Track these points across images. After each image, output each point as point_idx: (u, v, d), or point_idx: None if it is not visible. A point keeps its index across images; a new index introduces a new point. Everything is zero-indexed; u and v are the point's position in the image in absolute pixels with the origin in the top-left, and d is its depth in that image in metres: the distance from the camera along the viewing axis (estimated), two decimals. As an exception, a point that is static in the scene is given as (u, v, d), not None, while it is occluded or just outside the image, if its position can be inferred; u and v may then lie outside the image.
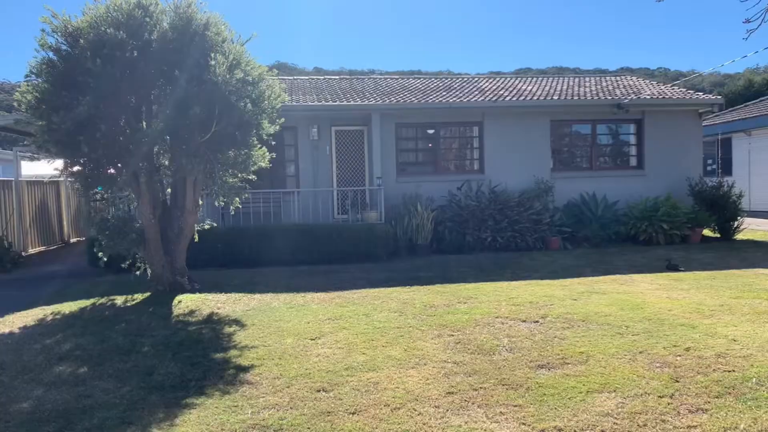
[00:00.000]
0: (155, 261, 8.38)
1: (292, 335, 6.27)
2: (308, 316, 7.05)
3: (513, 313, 6.86)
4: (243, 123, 7.97)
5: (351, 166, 13.76)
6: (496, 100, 13.05)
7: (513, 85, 15.29)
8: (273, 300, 8.07)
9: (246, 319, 7.05)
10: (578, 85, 15.52)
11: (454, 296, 7.88)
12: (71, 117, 7.19)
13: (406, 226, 11.85)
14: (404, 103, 12.88)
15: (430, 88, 14.95)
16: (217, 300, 8.11)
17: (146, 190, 8.10)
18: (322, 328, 6.53)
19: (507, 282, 8.83)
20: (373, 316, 6.95)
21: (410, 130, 13.85)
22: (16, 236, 13.66)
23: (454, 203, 12.52)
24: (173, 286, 8.51)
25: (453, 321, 6.57)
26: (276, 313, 7.26)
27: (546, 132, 13.78)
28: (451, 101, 13.04)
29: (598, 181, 13.78)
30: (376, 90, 14.48)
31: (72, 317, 7.36)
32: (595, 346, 5.50)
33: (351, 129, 13.73)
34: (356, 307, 7.42)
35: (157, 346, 6.01)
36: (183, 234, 8.53)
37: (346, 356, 5.52)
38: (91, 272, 10.77)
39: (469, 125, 13.88)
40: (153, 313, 7.42)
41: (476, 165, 13.90)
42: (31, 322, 7.24)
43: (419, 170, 13.92)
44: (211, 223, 9.27)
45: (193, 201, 8.37)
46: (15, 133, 13.88)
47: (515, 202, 12.48)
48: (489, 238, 12.05)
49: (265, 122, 8.43)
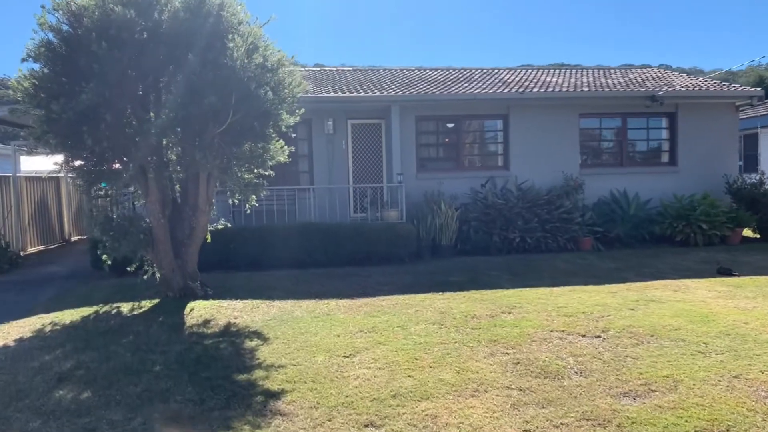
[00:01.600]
0: (164, 264, 7.64)
1: (322, 351, 5.53)
2: (337, 328, 6.32)
3: (568, 325, 6.12)
4: (262, 113, 7.22)
5: (368, 161, 13.01)
6: (524, 92, 12.29)
7: (536, 77, 14.52)
8: (294, 308, 7.33)
9: (268, 330, 6.32)
10: (604, 77, 14.75)
11: (495, 305, 7.14)
12: (73, 106, 6.44)
13: (429, 225, 11.10)
14: (426, 94, 12.11)
15: (449, 79, 14.18)
16: (233, 308, 7.37)
17: (155, 186, 7.36)
18: (355, 342, 5.79)
19: (548, 288, 8.09)
20: (410, 329, 6.21)
21: (431, 123, 13.08)
22: (14, 235, 12.91)
23: (479, 201, 11.77)
24: (184, 292, 7.78)
25: (503, 335, 5.83)
26: (300, 324, 6.53)
27: (574, 126, 13.01)
28: (476, 92, 12.26)
29: (629, 178, 13.03)
30: (392, 82, 13.71)
31: (73, 328, 6.62)
32: (678, 369, 4.76)
33: (368, 122, 12.96)
34: (389, 318, 6.68)
35: (170, 365, 5.28)
36: (195, 235, 7.78)
37: (390, 379, 4.78)
38: (93, 274, 10.03)
39: (493, 118, 13.11)
40: (163, 323, 6.68)
41: (500, 161, 13.13)
42: (28, 334, 6.51)
43: (440, 166, 13.16)
44: (225, 223, 8.53)
45: (206, 199, 7.62)
46: (10, 126, 13.13)
47: (544, 200, 11.72)
48: (517, 238, 11.30)
49: (283, 113, 7.68)
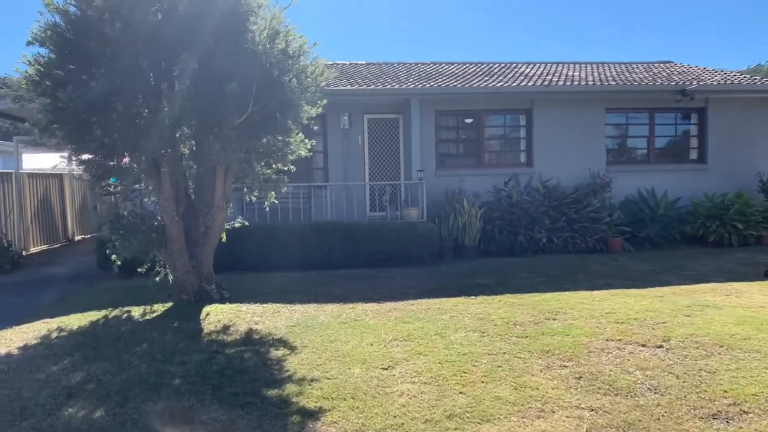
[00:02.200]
0: (178, 265, 7.12)
1: (357, 363, 5.01)
2: (368, 336, 5.80)
3: (623, 334, 5.59)
4: (285, 103, 6.70)
5: (384, 158, 12.48)
6: (549, 85, 11.75)
7: (558, 71, 13.97)
8: (318, 312, 6.81)
9: (293, 338, 5.80)
10: (627, 72, 14.21)
11: (536, 310, 6.61)
12: (82, 94, 5.94)
13: (451, 225, 10.58)
14: (447, 87, 11.58)
15: (467, 73, 13.65)
16: (253, 312, 6.85)
17: (168, 181, 6.84)
18: (391, 352, 5.27)
19: (587, 292, 7.56)
20: (450, 337, 5.69)
21: (451, 118, 12.55)
22: (16, 234, 12.40)
23: (503, 199, 11.24)
24: (199, 295, 7.26)
25: (555, 345, 5.31)
26: (327, 331, 6.00)
27: (600, 121, 12.47)
28: (498, 85, 11.73)
29: (657, 175, 12.49)
30: (409, 75, 13.18)
31: (82, 334, 6.10)
32: (766, 386, 4.23)
33: (385, 117, 12.44)
34: (423, 324, 6.16)
35: (191, 378, 4.76)
36: (210, 234, 7.26)
37: (440, 396, 4.26)
38: (100, 275, 9.52)
39: (516, 113, 12.57)
40: (179, 329, 6.16)
41: (523, 157, 12.59)
42: (32, 340, 5.99)
43: (460, 163, 12.63)
44: (243, 222, 8.01)
45: (223, 195, 7.10)
46: (11, 119, 12.61)
47: (572, 198, 11.19)
48: (544, 238, 10.77)
49: (304, 103, 7.17)
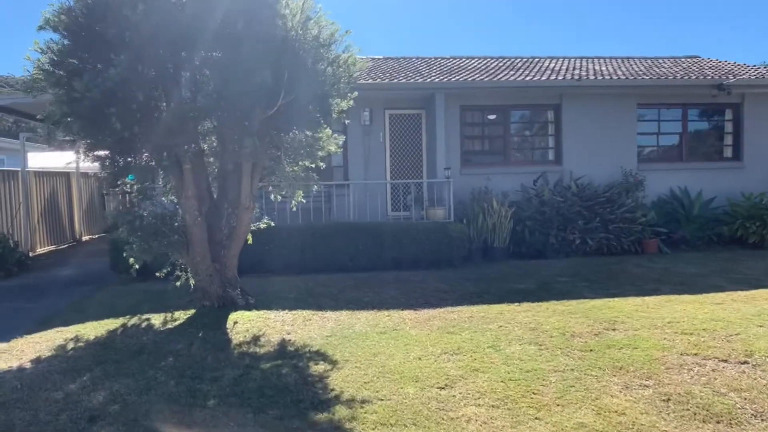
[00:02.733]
0: (201, 269, 6.61)
1: (409, 380, 4.50)
2: (414, 348, 5.29)
3: (696, 347, 5.08)
4: (319, 94, 6.20)
5: (406, 155, 11.96)
6: (580, 79, 11.22)
7: (583, 66, 13.44)
8: (352, 320, 6.30)
9: (332, 350, 5.29)
10: (656, 66, 13.67)
11: (590, 319, 6.10)
12: (99, 83, 5.42)
13: (480, 225, 10.06)
14: (473, 81, 11.05)
15: (490, 67, 13.11)
16: (282, 320, 6.34)
17: (191, 179, 6.34)
18: (444, 368, 4.76)
19: (638, 298, 7.04)
20: (505, 350, 5.17)
21: (476, 114, 12.02)
22: (22, 234, 11.92)
23: (533, 199, 10.71)
24: (223, 301, 6.75)
25: (626, 360, 4.79)
26: (367, 342, 5.49)
27: (632, 117, 11.94)
28: (527, 79, 11.21)
29: (690, 174, 11.96)
30: (431, 70, 12.65)
31: (100, 346, 5.59)
32: None
33: (407, 113, 11.92)
34: (471, 335, 5.64)
35: (227, 398, 4.25)
36: (235, 235, 6.76)
37: (515, 422, 3.75)
38: (112, 278, 9.02)
39: (544, 109, 12.05)
40: (206, 340, 5.65)
41: (551, 155, 12.07)
42: (46, 352, 5.49)
43: (486, 160, 12.10)
44: (269, 222, 7.49)
45: (249, 194, 6.59)
46: (18, 115, 12.11)
47: (605, 197, 10.67)
48: (577, 240, 10.25)
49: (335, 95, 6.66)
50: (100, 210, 16.64)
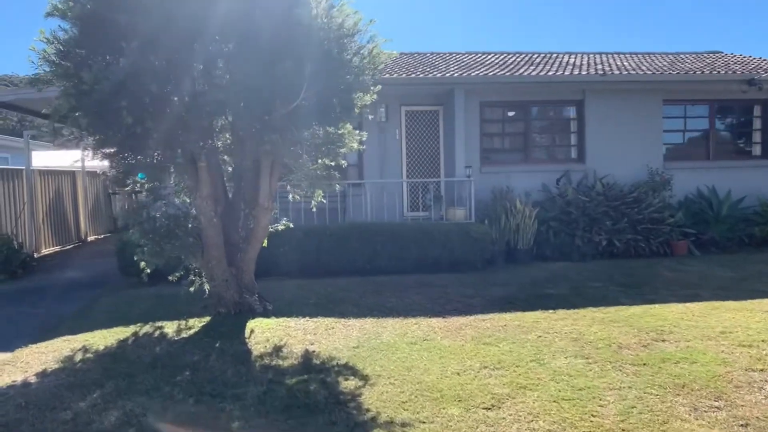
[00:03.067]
0: (216, 274, 6.21)
1: (451, 400, 4.10)
2: (450, 361, 4.88)
3: (763, 362, 4.66)
4: (344, 86, 5.79)
5: (423, 153, 11.55)
6: (605, 74, 10.77)
7: (604, 61, 12.99)
8: (378, 329, 5.90)
9: (361, 363, 4.89)
10: (679, 62, 13.22)
11: (634, 328, 5.69)
12: (109, 74, 5.03)
13: (503, 226, 9.64)
14: (495, 76, 10.61)
15: (508, 62, 12.68)
16: (304, 329, 5.94)
17: (207, 178, 5.94)
18: (487, 385, 4.35)
19: (680, 305, 6.63)
20: (550, 364, 4.76)
21: (496, 110, 11.59)
22: (27, 234, 11.55)
23: (558, 198, 10.29)
24: (239, 307, 6.36)
25: (687, 377, 4.37)
26: (398, 354, 5.09)
27: (658, 113, 11.50)
28: (550, 74, 10.78)
29: (717, 173, 11.51)
30: (448, 65, 12.22)
31: (110, 357, 5.20)
32: None
33: (424, 109, 11.51)
34: (510, 347, 5.23)
35: (252, 420, 3.86)
36: (253, 237, 6.36)
37: (580, 452, 3.33)
38: (121, 282, 8.64)
39: (566, 105, 11.62)
40: (223, 351, 5.25)
41: (574, 152, 11.63)
42: (53, 364, 5.11)
43: (506, 159, 11.67)
44: (287, 224, 7.09)
45: (268, 194, 6.19)
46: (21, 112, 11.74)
47: (633, 197, 10.23)
48: (604, 241, 9.83)
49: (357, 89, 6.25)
50: (106, 210, 16.28)
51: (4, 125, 38.90)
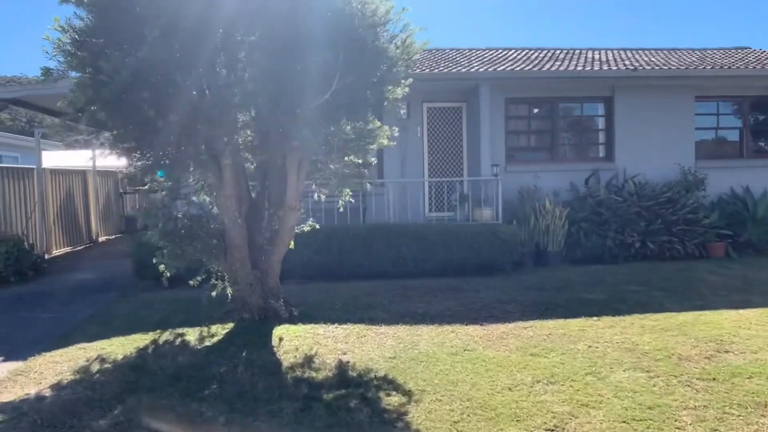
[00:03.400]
0: (240, 277, 5.85)
1: (508, 420, 3.71)
2: (498, 375, 4.49)
3: (844, 377, 4.24)
4: (379, 78, 5.41)
5: (445, 151, 11.17)
6: (635, 69, 10.35)
7: (629, 57, 12.55)
8: (414, 337, 5.52)
9: (401, 376, 4.51)
10: (708, 57, 12.76)
11: (691, 337, 5.28)
12: (129, 64, 4.67)
13: (532, 227, 9.24)
14: (522, 71, 10.22)
15: (531, 58, 12.26)
16: (334, 336, 5.57)
17: (231, 176, 5.58)
18: (545, 403, 3.95)
19: (732, 311, 6.21)
20: (609, 378, 4.36)
21: (521, 107, 11.19)
22: (38, 235, 11.25)
23: (588, 198, 9.88)
24: (264, 313, 6.00)
25: (766, 394, 3.96)
26: (440, 367, 4.70)
27: (690, 110, 11.06)
28: (579, 69, 10.37)
29: (752, 172, 11.08)
30: (470, 61, 11.83)
31: (130, 368, 4.84)
32: None
33: (446, 106, 11.12)
34: (560, 358, 4.84)
35: (291, 442, 3.48)
36: (279, 239, 6.00)
37: (667, 484, 2.93)
38: (136, 285, 8.30)
39: (594, 101, 11.19)
40: (251, 361, 4.88)
41: (602, 151, 11.21)
42: (68, 375, 4.75)
43: (532, 157, 11.27)
44: (313, 224, 6.71)
45: (295, 192, 5.83)
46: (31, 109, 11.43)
47: (666, 197, 9.80)
48: (637, 243, 9.41)
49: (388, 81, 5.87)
50: (117, 209, 15.99)
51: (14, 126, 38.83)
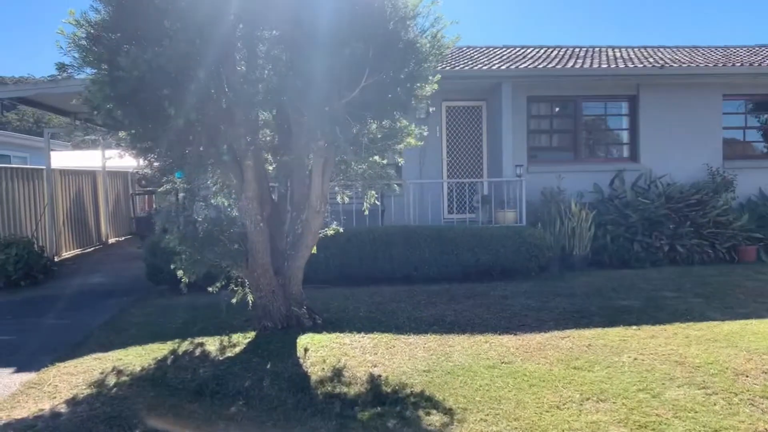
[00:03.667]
0: (262, 283, 5.57)
1: (564, 442, 3.40)
2: (543, 391, 4.19)
3: None
4: (406, 74, 5.12)
5: (464, 151, 10.88)
6: (662, 66, 10.01)
7: (651, 55, 12.20)
8: (446, 348, 5.22)
9: (439, 392, 4.22)
10: (733, 55, 12.40)
11: (742, 349, 4.97)
12: (149, 58, 4.40)
13: (557, 230, 8.93)
14: (545, 69, 9.91)
15: (551, 56, 11.93)
16: (362, 346, 5.28)
17: (253, 178, 5.30)
18: (599, 423, 3.65)
19: (780, 320, 5.88)
20: (663, 395, 4.06)
21: (543, 106, 10.89)
22: (47, 237, 11.01)
23: (616, 200, 9.56)
24: (287, 321, 5.72)
25: (843, 416, 3.65)
26: (478, 381, 4.41)
27: (717, 109, 10.73)
28: (605, 67, 10.05)
29: (780, 172, 10.71)
30: (489, 58, 11.52)
31: (149, 381, 4.57)
32: None
33: (466, 105, 10.83)
34: (606, 372, 4.53)
35: (330, 468, 3.19)
36: (302, 244, 5.72)
37: None
38: (150, 289, 8.06)
39: (618, 100, 10.87)
40: (277, 374, 4.61)
41: (626, 151, 10.89)
42: (83, 388, 4.49)
43: (555, 157, 10.97)
44: (337, 228, 6.43)
45: (320, 195, 5.54)
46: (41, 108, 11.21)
47: (695, 199, 9.47)
48: (666, 246, 9.09)
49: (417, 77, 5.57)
50: (126, 211, 15.75)
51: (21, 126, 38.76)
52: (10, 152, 16.75)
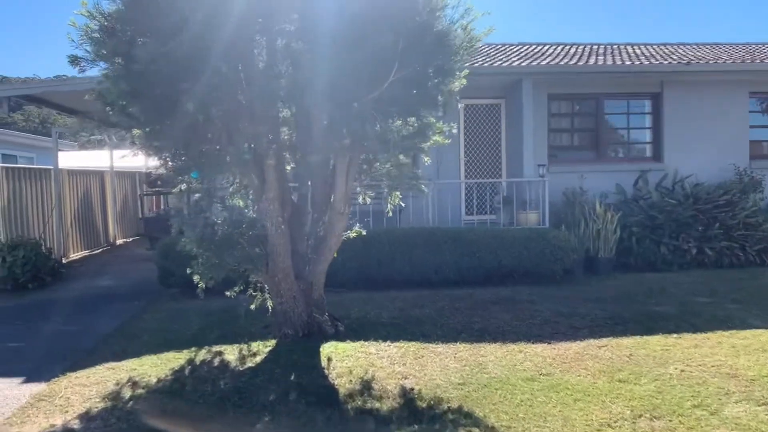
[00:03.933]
0: (283, 289, 5.29)
1: (623, 467, 3.11)
2: (590, 407, 3.90)
3: None
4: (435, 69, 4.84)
5: (483, 150, 10.58)
6: (688, 63, 9.70)
7: (672, 52, 11.89)
8: (478, 358, 4.93)
9: (478, 408, 3.93)
10: (757, 52, 12.08)
11: (797, 361, 4.65)
12: (167, 51, 4.13)
13: (582, 233, 8.62)
14: (566, 65, 9.61)
15: (571, 53, 11.62)
16: (389, 356, 5.00)
17: (274, 178, 5.02)
18: (658, 443, 3.35)
19: (829, 328, 5.57)
20: (722, 412, 3.77)
21: (564, 104, 10.59)
22: (55, 238, 10.77)
23: (641, 201, 9.25)
24: (308, 328, 5.44)
25: None
26: (520, 396, 4.12)
27: (744, 107, 10.41)
28: (628, 63, 9.74)
29: (809, 172, 10.37)
30: (507, 55, 11.22)
31: (166, 394, 4.30)
32: None
33: (484, 103, 10.53)
34: (654, 385, 4.24)
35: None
36: (325, 247, 5.44)
37: None
38: (160, 293, 7.79)
39: (641, 98, 10.56)
40: (302, 386, 4.33)
41: (649, 150, 10.58)
42: (97, 401, 4.22)
43: (576, 157, 10.65)
44: (360, 230, 6.14)
45: (344, 196, 5.26)
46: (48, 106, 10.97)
47: (724, 200, 9.14)
48: (694, 249, 8.76)
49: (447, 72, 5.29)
50: (135, 211, 15.52)
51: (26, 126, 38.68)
52: (17, 152, 16.56)
